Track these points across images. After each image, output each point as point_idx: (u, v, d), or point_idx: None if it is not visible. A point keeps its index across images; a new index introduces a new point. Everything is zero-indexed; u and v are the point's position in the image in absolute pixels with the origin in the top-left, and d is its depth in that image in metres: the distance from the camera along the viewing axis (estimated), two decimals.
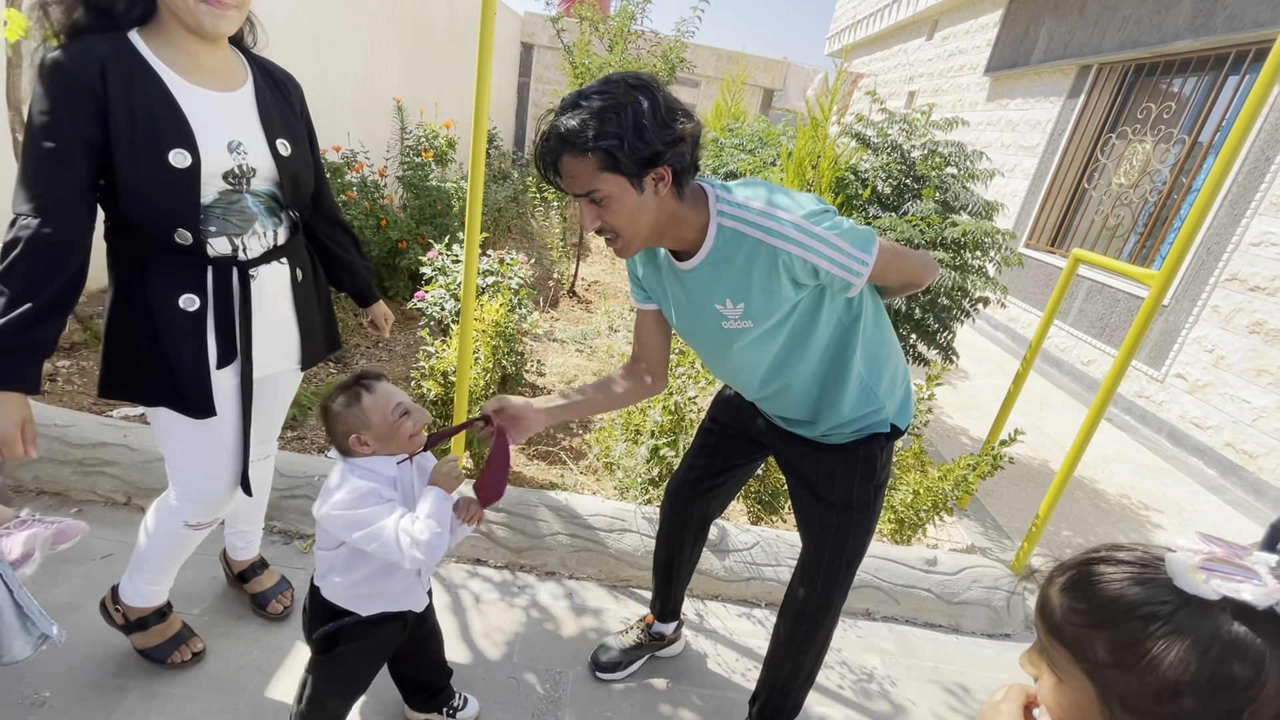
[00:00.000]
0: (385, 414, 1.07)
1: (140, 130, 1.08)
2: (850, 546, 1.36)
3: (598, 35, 4.34)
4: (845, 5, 13.57)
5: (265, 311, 1.30)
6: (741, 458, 1.56)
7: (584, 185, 1.05)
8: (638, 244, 1.14)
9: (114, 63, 1.07)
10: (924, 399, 2.53)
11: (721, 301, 1.19)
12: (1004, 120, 6.96)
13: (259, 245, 1.26)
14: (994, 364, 5.44)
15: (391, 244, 3.91)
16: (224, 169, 1.17)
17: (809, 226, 1.08)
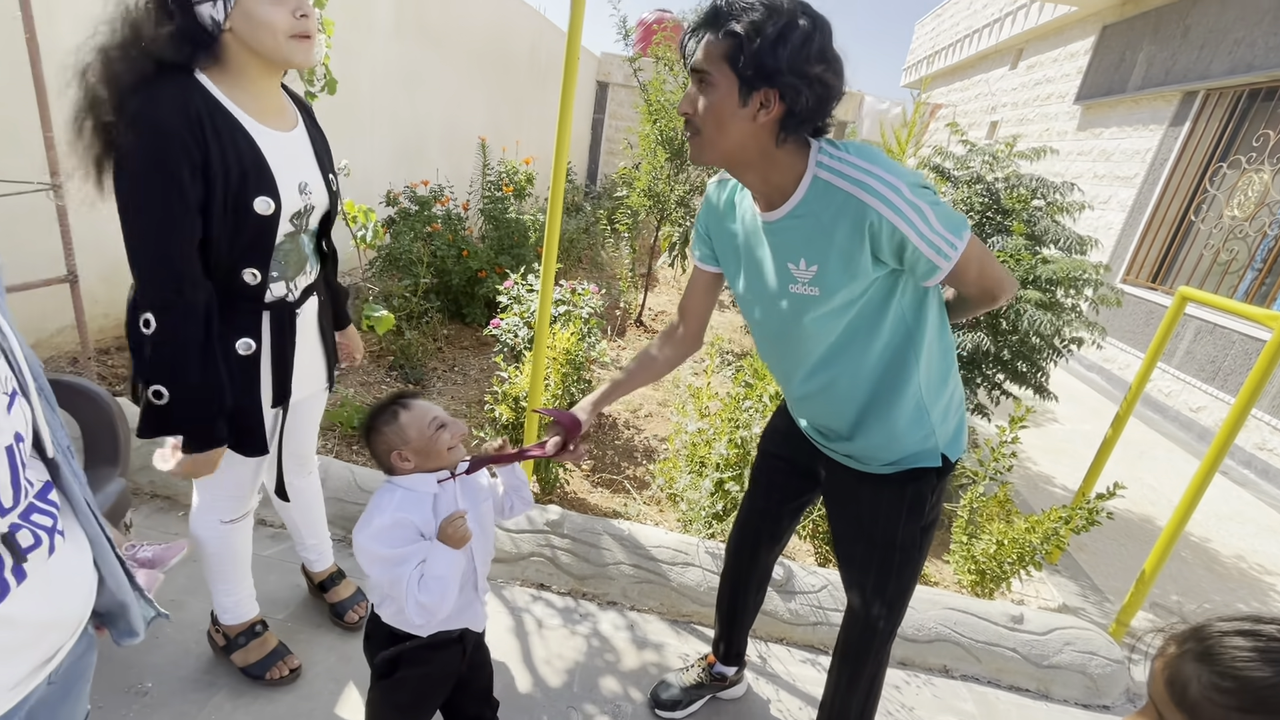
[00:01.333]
0: (422, 428, 1.10)
1: (232, 181, 1.09)
2: (894, 587, 1.29)
3: (673, 73, 4.46)
4: (922, 36, 13.37)
5: (304, 342, 1.36)
6: (795, 494, 1.51)
7: (700, 62, 1.01)
8: (713, 155, 1.07)
9: (204, 113, 1.05)
10: (1007, 442, 2.39)
11: (795, 260, 1.11)
12: (1097, 150, 6.61)
13: (304, 284, 1.32)
14: (1086, 406, 5.06)
15: (471, 273, 4.10)
16: (295, 210, 1.20)
17: (906, 192, 1.00)
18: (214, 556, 1.49)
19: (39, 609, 0.73)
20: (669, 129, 4.39)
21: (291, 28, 1.08)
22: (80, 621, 0.82)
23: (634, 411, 3.51)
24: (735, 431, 2.32)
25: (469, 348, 4.06)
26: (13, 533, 0.69)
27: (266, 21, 1.06)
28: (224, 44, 1.08)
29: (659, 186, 4.58)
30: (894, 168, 1.03)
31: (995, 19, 9.14)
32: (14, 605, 0.70)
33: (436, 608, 1.05)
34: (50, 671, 0.77)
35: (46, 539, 0.73)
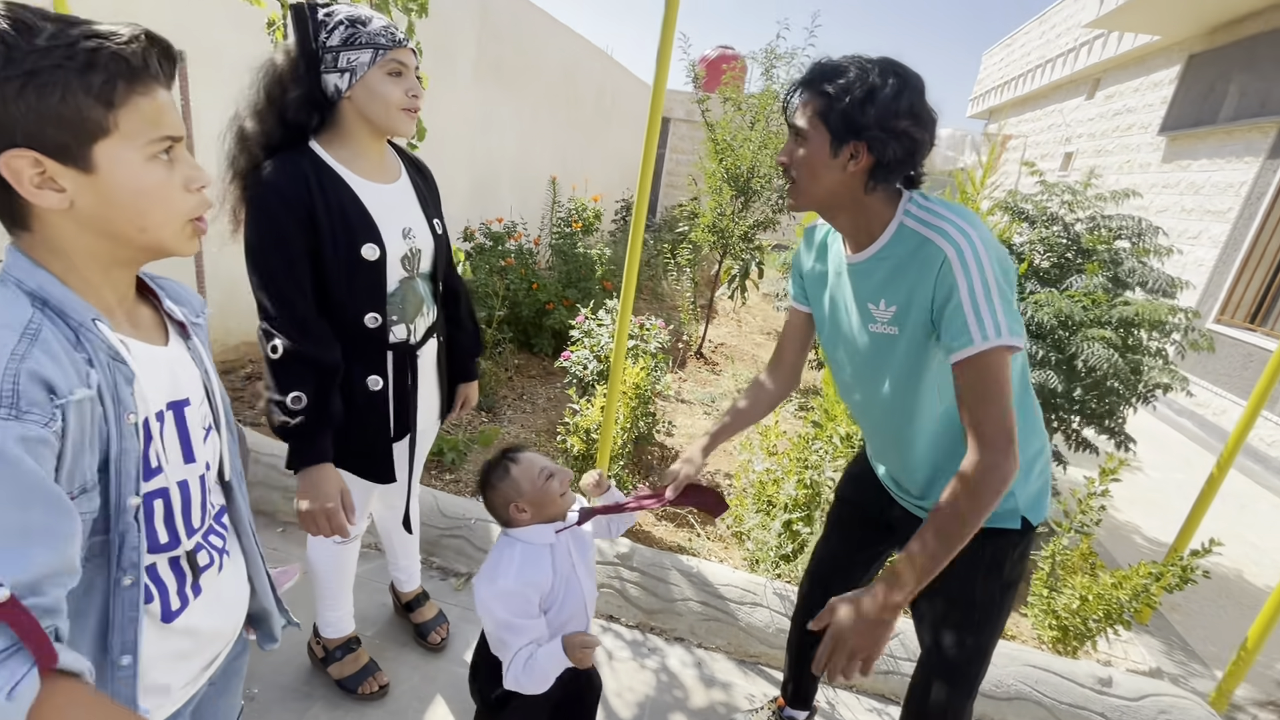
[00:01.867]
0: (533, 479, 1.16)
1: (339, 232, 1.21)
2: (971, 644, 1.27)
3: (740, 113, 4.57)
4: (990, 67, 13.12)
5: (423, 381, 1.46)
6: (869, 543, 1.51)
7: (796, 117, 1.12)
8: (808, 201, 1.15)
9: (312, 178, 1.19)
10: (1095, 494, 2.30)
11: (875, 300, 1.16)
12: (1185, 183, 6.29)
13: (424, 326, 1.42)
14: (1176, 454, 4.75)
15: (540, 305, 4.27)
16: (401, 254, 1.31)
17: (982, 253, 1.01)
18: (325, 575, 1.62)
19: (208, 620, 0.83)
20: (735, 167, 4.49)
21: (402, 103, 1.23)
22: (236, 629, 0.93)
23: None
24: (804, 472, 2.32)
25: (536, 377, 4.20)
26: (195, 552, 0.80)
27: (383, 96, 1.21)
28: (340, 110, 1.23)
29: (723, 222, 4.66)
30: (983, 230, 1.06)
31: (1070, 48, 8.91)
32: (191, 618, 0.81)
33: (531, 690, 1.09)
34: (211, 674, 0.88)
35: (217, 558, 0.85)
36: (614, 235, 7.21)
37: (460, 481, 2.79)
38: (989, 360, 1.00)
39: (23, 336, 0.58)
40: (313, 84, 1.20)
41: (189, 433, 0.77)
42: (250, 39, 2.70)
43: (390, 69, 1.21)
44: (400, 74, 1.23)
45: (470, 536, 2.26)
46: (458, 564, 2.24)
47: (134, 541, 0.68)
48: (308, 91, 1.20)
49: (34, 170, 0.59)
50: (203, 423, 0.81)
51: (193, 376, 0.79)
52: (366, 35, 1.19)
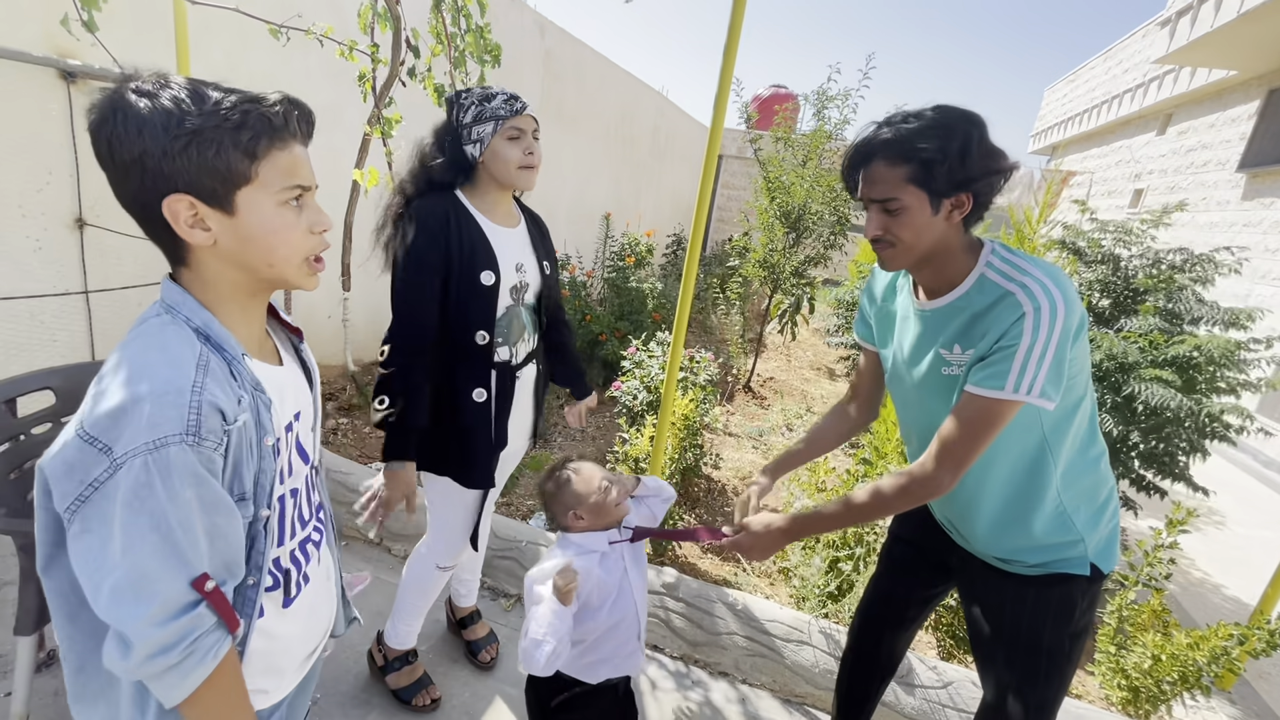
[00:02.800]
0: (593, 488, 1.23)
1: (465, 258, 1.44)
2: (1038, 696, 1.23)
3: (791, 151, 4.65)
4: (1053, 102, 12.85)
5: (519, 402, 1.62)
6: (924, 584, 1.49)
7: (884, 191, 1.08)
8: (909, 260, 1.15)
9: (451, 214, 1.45)
10: (1164, 545, 2.18)
11: (949, 346, 1.16)
12: (1268, 221, 5.98)
13: (524, 350, 1.59)
14: (1264, 510, 4.42)
15: (593, 336, 4.38)
16: (511, 284, 1.51)
17: (1059, 317, 1.03)
18: (415, 592, 1.73)
19: (315, 606, 0.91)
20: (787, 204, 4.55)
21: (520, 161, 1.47)
22: (333, 616, 1.00)
23: (744, 479, 3.54)
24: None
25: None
26: (304, 543, 0.89)
27: (505, 158, 1.46)
28: (476, 170, 1.49)
29: (775, 258, 4.71)
30: (1067, 287, 1.07)
31: (1139, 83, 8.67)
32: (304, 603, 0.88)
33: (530, 660, 1.10)
34: (314, 661, 0.95)
35: (316, 552, 0.93)
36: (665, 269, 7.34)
37: (512, 505, 2.88)
38: (1001, 407, 1.06)
39: (198, 369, 0.68)
40: (456, 152, 1.46)
41: (303, 440, 0.87)
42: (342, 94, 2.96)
43: (509, 135, 1.45)
44: (518, 138, 1.46)
45: (521, 559, 2.32)
46: (508, 585, 2.31)
47: (262, 546, 0.77)
48: (452, 158, 1.47)
49: (189, 212, 0.70)
50: (311, 426, 0.90)
51: (302, 389, 0.88)
52: (490, 110, 1.43)
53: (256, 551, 0.76)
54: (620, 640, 1.27)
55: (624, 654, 1.27)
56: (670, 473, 2.72)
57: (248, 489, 0.73)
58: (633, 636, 1.27)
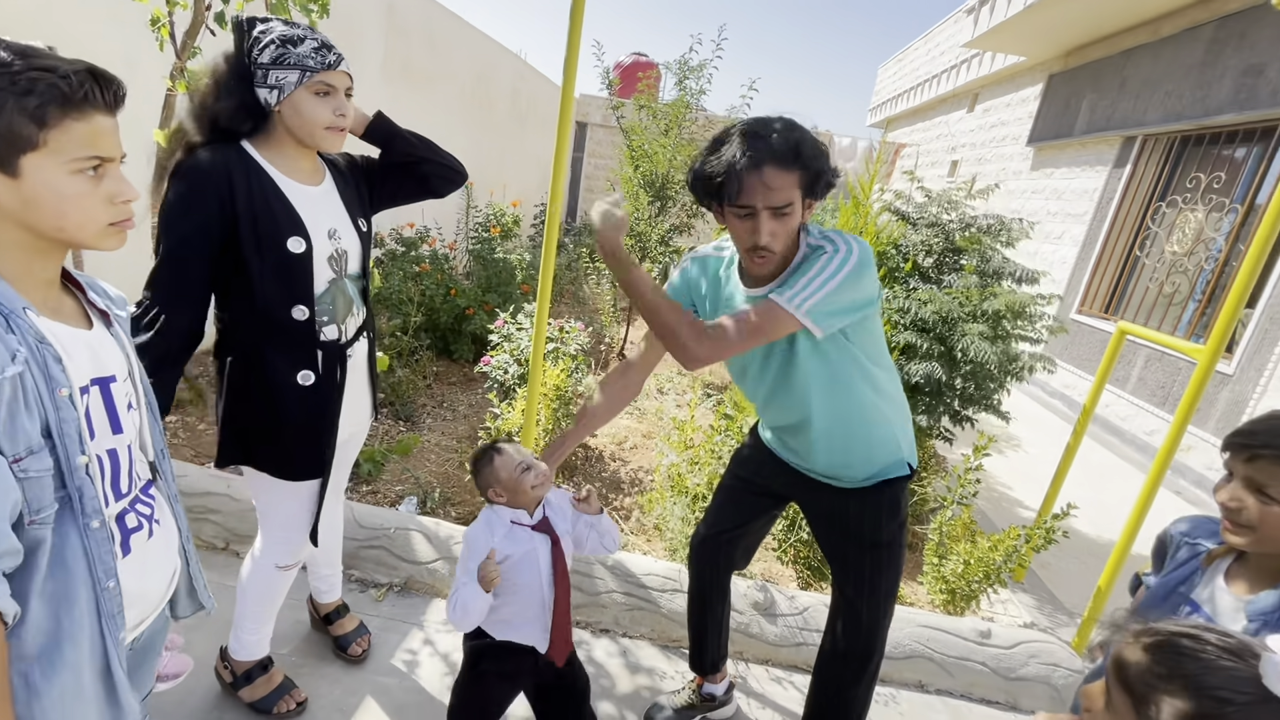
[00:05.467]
0: (511, 471, 1.33)
1: (263, 225, 1.27)
2: (886, 581, 1.46)
3: (654, 121, 4.70)
4: (886, 79, 14.06)
5: (354, 381, 1.49)
6: (762, 512, 1.69)
7: (783, 198, 1.16)
8: (778, 263, 1.26)
9: (236, 170, 1.26)
10: (971, 469, 2.56)
11: None
12: (1050, 189, 7.03)
13: (354, 325, 1.46)
14: (1050, 433, 5.31)
15: (459, 311, 4.22)
16: (328, 253, 1.36)
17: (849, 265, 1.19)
18: (257, 598, 1.58)
19: (135, 582, 0.89)
20: (650, 173, 4.61)
21: (328, 123, 1.30)
22: (163, 598, 0.99)
23: (619, 444, 3.62)
24: (717, 462, 2.45)
25: (457, 384, 4.15)
26: (122, 516, 0.88)
27: (309, 115, 1.29)
28: (271, 120, 1.30)
29: (641, 226, 4.78)
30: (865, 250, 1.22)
31: (952, 65, 9.71)
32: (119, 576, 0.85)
33: (458, 621, 1.29)
34: (134, 638, 0.93)
35: (146, 525, 0.92)
36: (534, 240, 7.19)
37: (378, 493, 2.73)
38: (776, 313, 1.19)
39: None
40: (245, 95, 1.26)
41: (115, 406, 0.87)
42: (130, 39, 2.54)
43: (317, 89, 1.27)
44: (327, 94, 1.28)
45: (390, 546, 2.23)
46: (378, 575, 2.20)
47: (92, 493, 0.79)
48: (240, 101, 1.26)
49: None
50: (127, 399, 0.90)
51: (116, 358, 0.88)
52: (295, 56, 1.24)
53: (89, 498, 0.78)
54: (521, 607, 1.34)
55: (525, 621, 1.35)
56: (546, 443, 2.72)
57: (34, 442, 0.73)
58: (535, 604, 1.34)
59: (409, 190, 1.60)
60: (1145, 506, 2.16)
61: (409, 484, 2.80)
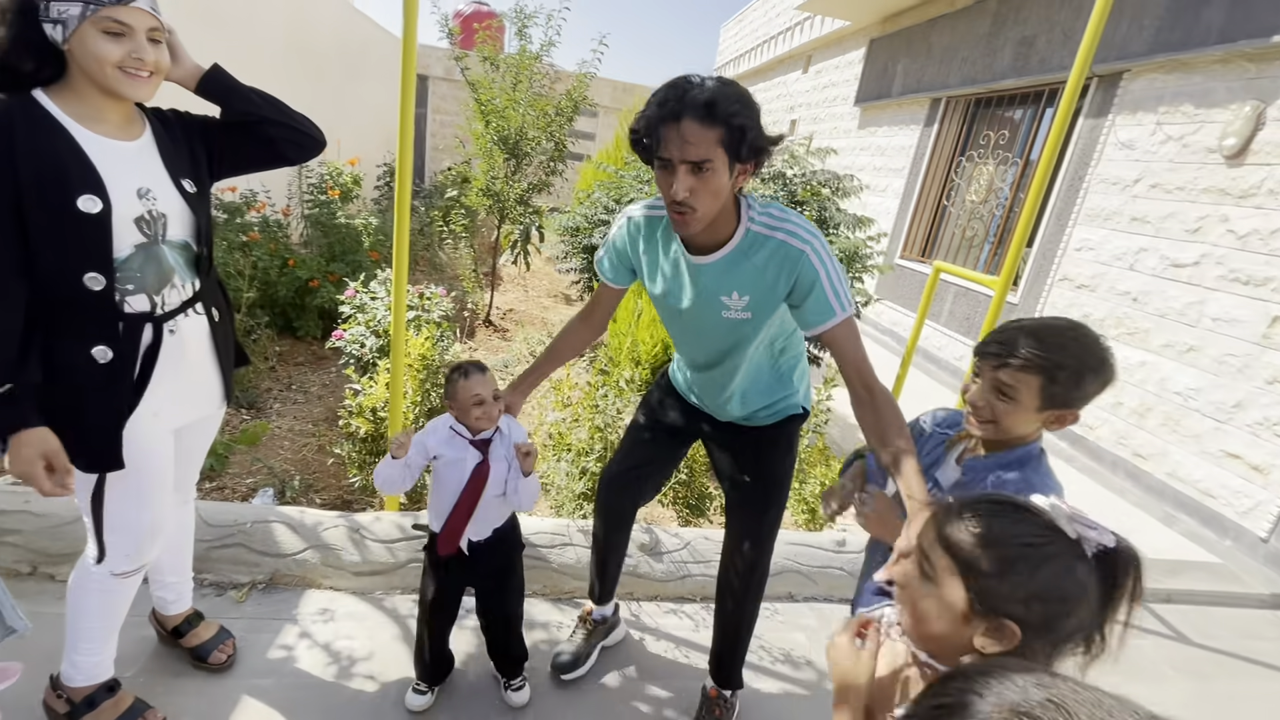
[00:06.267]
0: (465, 398, 1.47)
1: (48, 181, 1.11)
2: (774, 512, 1.64)
3: (502, 75, 4.48)
4: (728, 39, 14.50)
5: (186, 361, 1.34)
6: (669, 451, 1.81)
7: (700, 153, 1.12)
8: (704, 224, 1.22)
9: (19, 120, 1.10)
10: (823, 400, 2.84)
11: (728, 293, 1.32)
12: (874, 146, 7.75)
13: (177, 297, 1.30)
14: (885, 366, 6.00)
15: (300, 283, 3.83)
16: (135, 214, 1.21)
17: (826, 249, 1.29)
18: (91, 613, 1.38)
19: None
20: (504, 128, 4.43)
21: (120, 62, 1.14)
22: None
23: None
24: (596, 416, 2.50)
25: (305, 364, 3.80)
26: None
27: (96, 54, 1.12)
28: (69, 63, 1.15)
29: (497, 185, 4.60)
30: (810, 225, 1.31)
31: (787, 27, 10.23)
32: None
33: (379, 486, 1.54)
34: None
35: None
36: (379, 203, 6.65)
37: (225, 488, 2.47)
38: (850, 324, 1.31)
39: None
40: (27, 30, 1.10)
41: None
42: None
43: (106, 28, 1.12)
44: (120, 35, 1.14)
45: (248, 542, 2.03)
46: (236, 575, 2.01)
47: None
48: (20, 35, 1.10)
49: None
50: None
51: None
52: None
53: None
54: (442, 503, 1.54)
55: (440, 516, 1.54)
56: (415, 416, 2.60)
57: None
58: (449, 503, 1.53)
59: (254, 155, 1.43)
60: None
61: (262, 475, 2.55)
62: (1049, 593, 0.71)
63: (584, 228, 4.43)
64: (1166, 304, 3.85)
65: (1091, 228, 4.47)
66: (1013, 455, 1.15)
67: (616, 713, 1.80)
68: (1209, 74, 3.74)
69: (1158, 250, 3.94)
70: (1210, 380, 3.54)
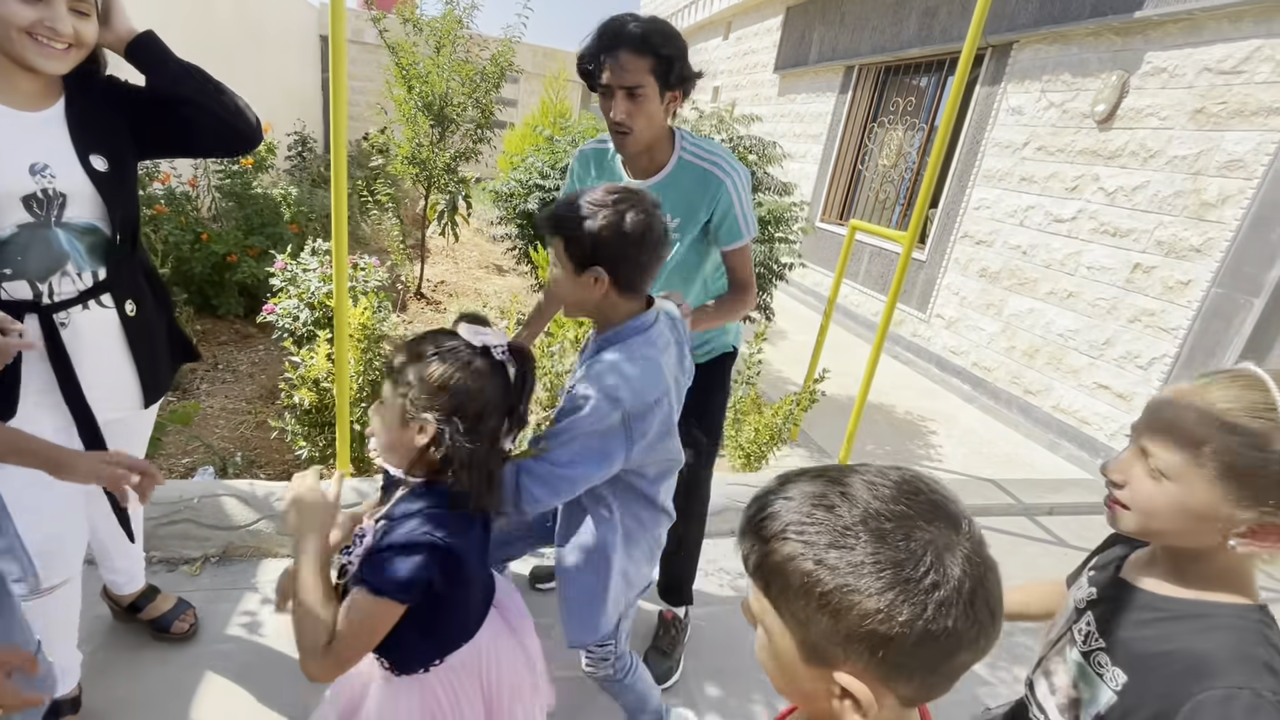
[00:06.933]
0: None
1: None
2: (714, 440, 1.82)
3: (424, 38, 4.35)
4: (649, 6, 14.37)
5: (88, 357, 1.22)
6: None
7: (632, 79, 1.32)
8: (640, 146, 1.42)
9: None
10: (755, 354, 3.04)
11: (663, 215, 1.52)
12: (793, 113, 8.00)
13: (71, 286, 1.19)
14: (808, 324, 6.35)
15: (218, 259, 3.65)
16: (23, 193, 1.11)
17: (744, 181, 1.48)
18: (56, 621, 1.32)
19: None
20: (428, 94, 4.31)
21: (25, 25, 1.06)
22: None
23: None
24: (549, 371, 2.59)
25: (229, 342, 3.66)
26: None
27: (3, 15, 1.05)
28: None
29: (424, 153, 4.50)
30: (734, 158, 1.49)
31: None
32: None
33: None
34: None
35: None
36: (293, 174, 6.31)
37: (162, 469, 2.40)
38: (748, 248, 1.55)
39: None
40: None
41: None
42: None
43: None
44: (32, 2, 1.05)
45: (196, 517, 2.02)
46: (186, 549, 1.99)
47: None
48: None
49: None
50: None
51: None
52: None
53: None
54: None
55: None
56: (360, 385, 2.60)
57: None
58: None
59: (171, 139, 1.32)
60: (873, 369, 2.80)
61: (200, 454, 2.50)
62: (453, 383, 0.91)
63: (519, 193, 4.42)
64: (1050, 255, 4.29)
65: (988, 188, 4.88)
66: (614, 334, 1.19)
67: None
68: (1083, 45, 4.14)
69: (1043, 207, 4.37)
70: (1086, 322, 4.01)
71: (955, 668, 0.49)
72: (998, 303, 4.71)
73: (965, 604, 0.47)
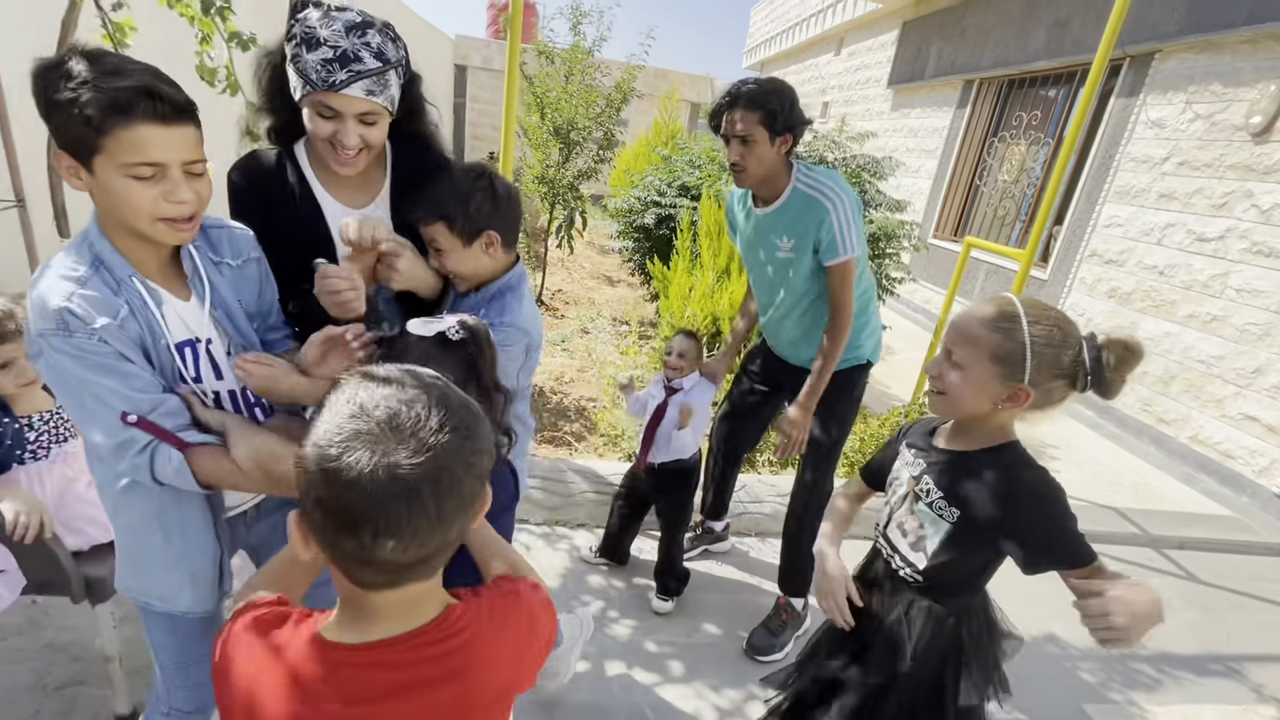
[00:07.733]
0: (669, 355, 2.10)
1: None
2: (830, 443, 1.96)
3: (555, 68, 4.80)
4: (759, 22, 14.54)
5: None
6: (771, 401, 2.17)
7: (744, 130, 1.64)
8: (753, 181, 1.73)
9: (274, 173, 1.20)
10: None
11: (780, 238, 1.80)
12: (907, 127, 7.88)
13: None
14: (917, 342, 6.23)
15: None
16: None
17: (847, 201, 1.69)
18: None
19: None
20: (559, 121, 4.75)
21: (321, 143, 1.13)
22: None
23: (557, 379, 3.92)
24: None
25: None
26: None
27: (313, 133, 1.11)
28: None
29: (551, 173, 4.94)
30: (842, 184, 1.71)
31: (819, 9, 10.32)
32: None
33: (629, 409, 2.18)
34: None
35: None
36: None
37: None
38: (847, 266, 1.72)
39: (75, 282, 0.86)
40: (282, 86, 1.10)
41: (215, 361, 1.03)
42: None
43: (317, 109, 1.07)
44: (331, 119, 1.07)
45: None
46: None
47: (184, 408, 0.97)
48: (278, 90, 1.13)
49: (65, 164, 0.85)
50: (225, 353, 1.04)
51: (201, 323, 1.01)
52: (303, 64, 1.04)
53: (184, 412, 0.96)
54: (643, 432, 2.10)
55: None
56: None
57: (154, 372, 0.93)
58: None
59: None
60: None
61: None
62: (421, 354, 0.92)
63: (637, 209, 4.73)
64: (1192, 276, 4.03)
65: (1121, 204, 4.64)
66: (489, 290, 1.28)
67: (706, 612, 2.16)
68: (1237, 54, 3.88)
69: (1184, 225, 4.11)
70: (1232, 348, 3.73)
71: None
72: (1129, 325, 4.46)
73: None
